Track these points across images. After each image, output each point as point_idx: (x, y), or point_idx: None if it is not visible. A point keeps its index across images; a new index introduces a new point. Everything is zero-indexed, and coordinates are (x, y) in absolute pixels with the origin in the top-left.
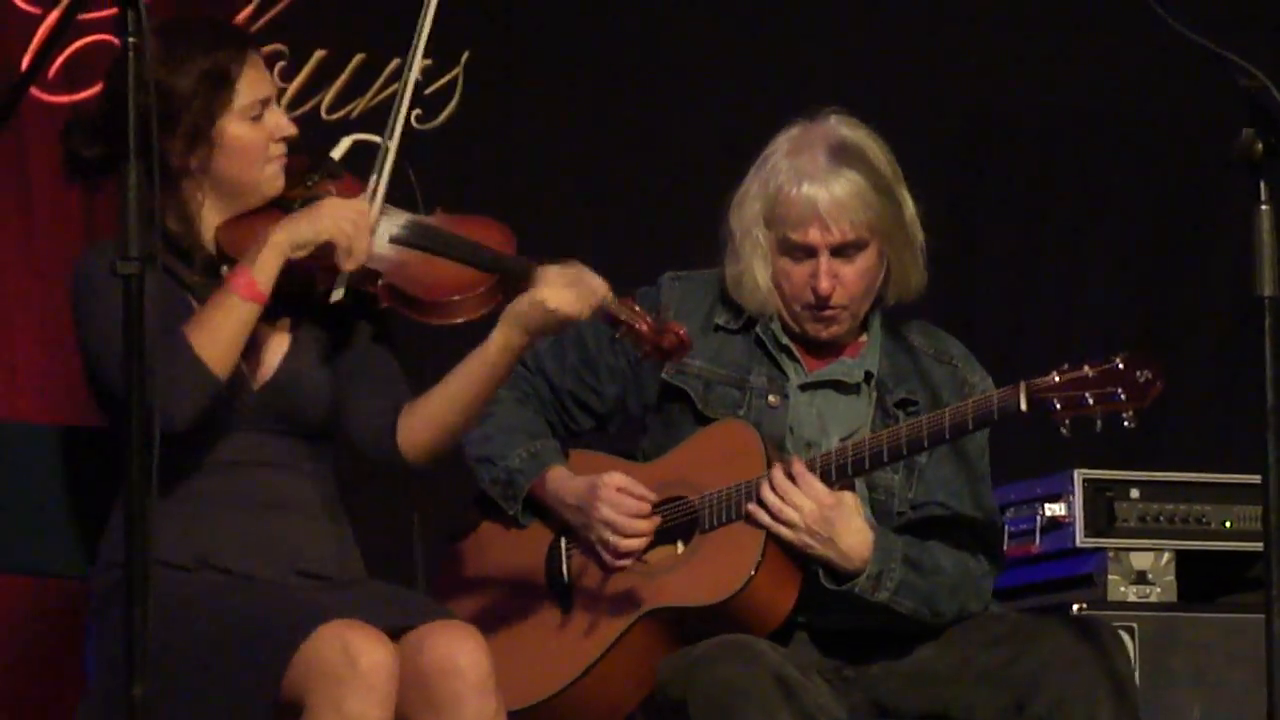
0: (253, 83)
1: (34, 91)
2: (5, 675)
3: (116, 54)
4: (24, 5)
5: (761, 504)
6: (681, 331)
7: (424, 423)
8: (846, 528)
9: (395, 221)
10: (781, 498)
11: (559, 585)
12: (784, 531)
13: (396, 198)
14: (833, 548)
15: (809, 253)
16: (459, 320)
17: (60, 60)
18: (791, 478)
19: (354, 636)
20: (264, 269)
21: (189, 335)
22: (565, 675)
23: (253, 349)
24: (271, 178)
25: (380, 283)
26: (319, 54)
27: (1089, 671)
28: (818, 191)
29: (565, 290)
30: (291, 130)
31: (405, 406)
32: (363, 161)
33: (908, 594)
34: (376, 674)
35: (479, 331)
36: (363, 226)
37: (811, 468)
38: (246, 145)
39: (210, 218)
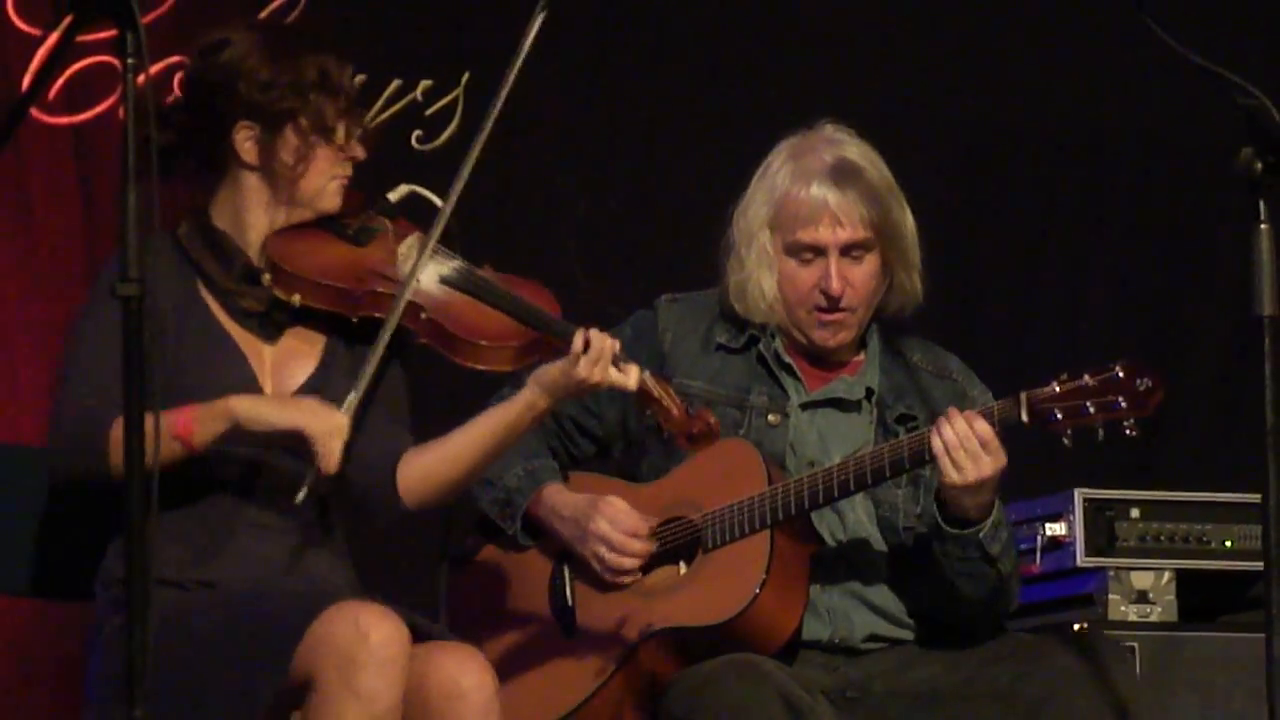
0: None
1: (34, 113)
2: (7, 695)
3: (206, 43)
4: (24, 26)
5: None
6: (712, 420)
7: (430, 473)
8: (993, 482)
9: (448, 264)
10: (962, 435)
11: (562, 609)
12: (964, 468)
13: (452, 246)
14: (984, 491)
15: (818, 252)
16: (490, 368)
17: (61, 81)
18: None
19: (364, 614)
20: (206, 427)
21: (117, 428)
22: (571, 699)
23: (279, 366)
24: (331, 194)
25: (423, 316)
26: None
27: (1095, 690)
28: (827, 189)
29: (595, 362)
30: (362, 155)
31: (409, 454)
32: (413, 213)
33: (1007, 556)
34: (388, 649)
35: (494, 387)
36: (338, 434)
37: (814, 483)
38: (320, 156)
39: (258, 220)
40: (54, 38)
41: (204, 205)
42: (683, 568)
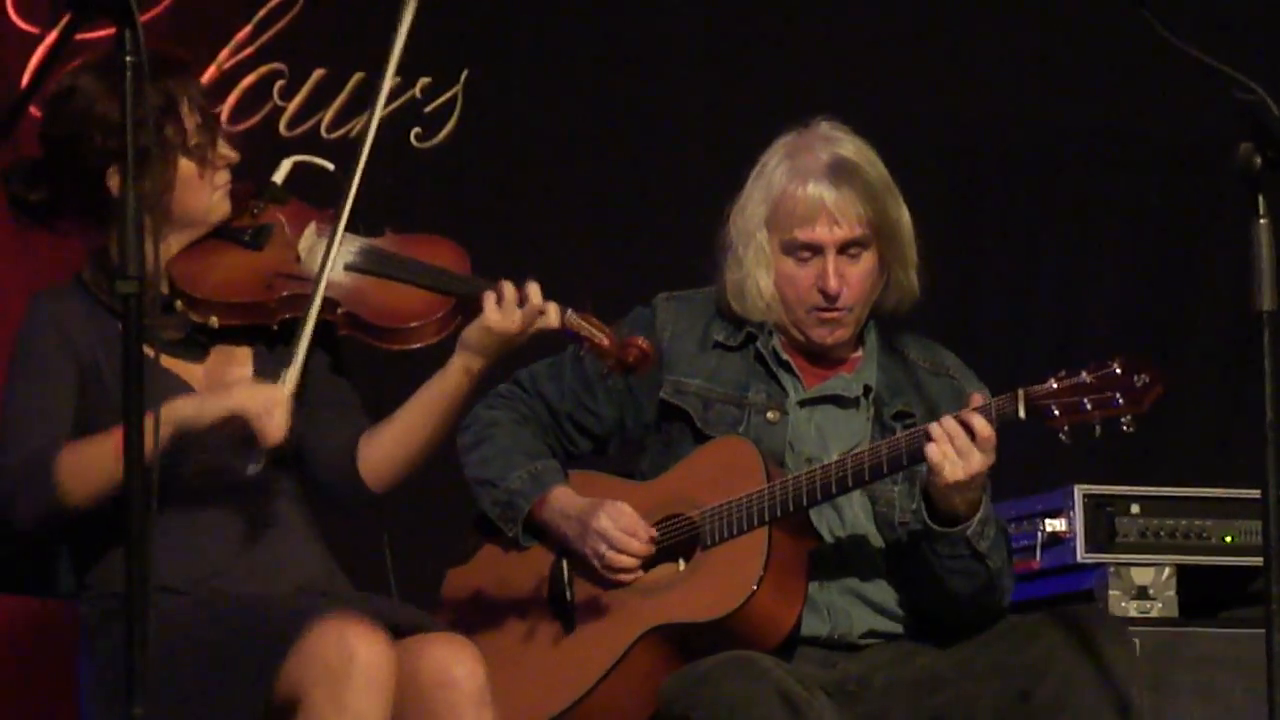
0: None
1: (33, 111)
2: (3, 694)
3: (52, 94)
4: (23, 24)
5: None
6: (644, 344)
7: (385, 451)
8: (982, 479)
9: (350, 248)
10: (959, 439)
11: (561, 605)
12: (956, 464)
13: (350, 223)
14: (973, 488)
15: (815, 251)
16: (418, 345)
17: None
18: (968, 426)
19: (352, 632)
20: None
21: (62, 458)
22: (570, 694)
23: (215, 381)
24: (217, 205)
25: (339, 311)
26: (318, 73)
27: (1093, 659)
28: (824, 188)
29: (509, 311)
30: (234, 157)
31: (363, 438)
32: (305, 183)
33: (996, 552)
34: (375, 668)
35: (438, 353)
36: (277, 406)
37: (811, 480)
38: (195, 175)
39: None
40: (53, 36)
41: (100, 245)
42: (681, 565)
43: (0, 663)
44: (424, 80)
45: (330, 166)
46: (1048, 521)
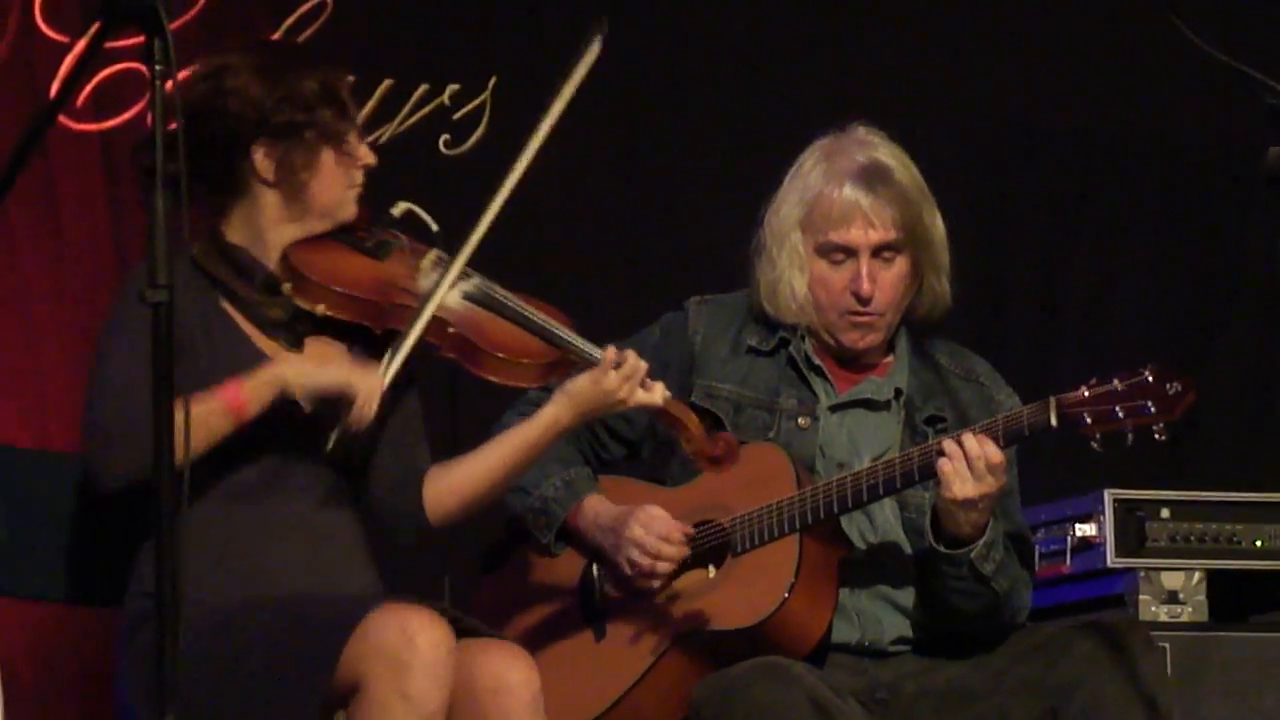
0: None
1: (62, 119)
2: (40, 702)
3: (202, 71)
4: (52, 33)
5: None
6: (730, 439)
7: (454, 488)
8: (990, 501)
9: (470, 280)
10: (971, 453)
11: (593, 611)
12: (966, 481)
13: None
14: (980, 510)
15: (849, 253)
16: (512, 383)
17: (88, 88)
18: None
19: (411, 617)
20: (256, 396)
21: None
22: (601, 701)
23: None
24: (349, 203)
25: (450, 331)
26: (347, 80)
27: (1122, 676)
28: (860, 191)
29: (625, 377)
30: (372, 160)
31: (432, 471)
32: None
33: (1003, 575)
34: (435, 652)
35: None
36: (374, 398)
37: (843, 487)
38: (337, 166)
39: (276, 234)
40: (82, 45)
41: (216, 225)
42: (712, 571)
43: (36, 668)
44: (453, 87)
45: (435, 226)
46: (1078, 526)
